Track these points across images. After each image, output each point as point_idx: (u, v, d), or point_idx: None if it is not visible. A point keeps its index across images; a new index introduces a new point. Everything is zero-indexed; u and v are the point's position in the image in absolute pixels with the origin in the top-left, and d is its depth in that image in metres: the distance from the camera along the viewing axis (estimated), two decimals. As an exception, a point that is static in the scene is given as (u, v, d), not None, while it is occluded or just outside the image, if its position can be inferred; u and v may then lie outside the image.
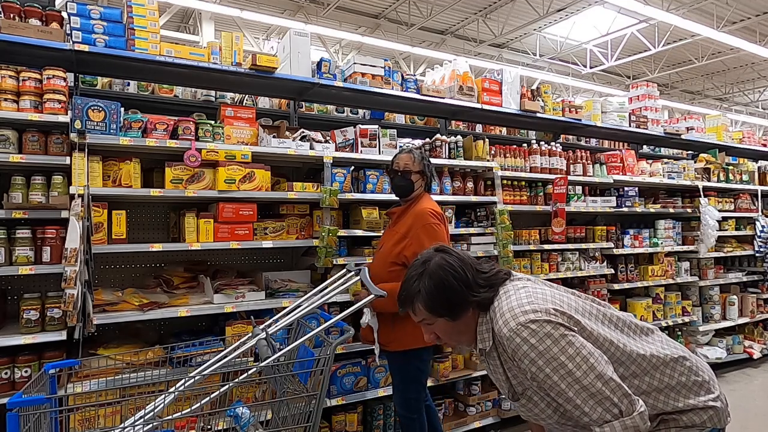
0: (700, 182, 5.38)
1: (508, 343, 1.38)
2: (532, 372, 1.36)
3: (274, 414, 2.12)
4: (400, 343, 2.63)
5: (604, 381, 1.32)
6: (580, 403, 1.32)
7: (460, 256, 1.51)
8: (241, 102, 4.61)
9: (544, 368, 1.34)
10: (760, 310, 5.93)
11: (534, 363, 1.35)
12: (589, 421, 1.33)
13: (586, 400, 1.32)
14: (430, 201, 2.79)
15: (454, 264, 1.48)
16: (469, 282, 1.47)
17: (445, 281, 1.45)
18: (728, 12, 10.99)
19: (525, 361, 1.36)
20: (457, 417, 3.76)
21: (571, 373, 1.32)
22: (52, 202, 2.61)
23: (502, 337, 1.39)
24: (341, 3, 11.06)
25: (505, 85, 4.27)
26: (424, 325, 1.56)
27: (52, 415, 1.62)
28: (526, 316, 1.36)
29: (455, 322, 1.49)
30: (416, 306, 1.49)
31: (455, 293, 1.46)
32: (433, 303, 1.47)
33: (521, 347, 1.35)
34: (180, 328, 3.21)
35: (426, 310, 1.48)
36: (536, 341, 1.34)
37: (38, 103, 2.62)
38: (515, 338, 1.36)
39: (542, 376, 1.35)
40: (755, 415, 4.32)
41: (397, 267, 2.63)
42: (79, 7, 2.83)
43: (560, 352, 1.33)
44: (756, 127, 19.95)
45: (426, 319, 1.51)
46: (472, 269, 1.50)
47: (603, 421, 1.31)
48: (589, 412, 1.32)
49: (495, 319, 1.44)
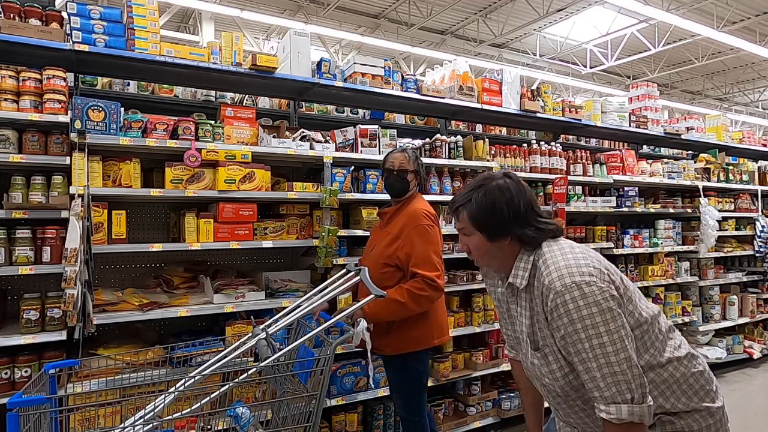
0: (700, 182, 5.38)
1: (555, 296, 1.37)
2: (567, 332, 1.35)
3: (274, 414, 2.12)
4: (397, 347, 2.62)
5: (629, 365, 1.32)
6: (598, 376, 1.32)
7: (522, 188, 1.51)
8: (241, 102, 4.61)
9: (581, 332, 1.33)
10: (760, 310, 5.93)
11: (572, 324, 1.34)
12: (599, 396, 1.33)
13: (605, 376, 1.32)
14: (423, 201, 2.77)
15: (512, 191, 1.48)
16: (519, 214, 1.47)
17: (496, 202, 1.47)
18: (728, 12, 10.99)
19: (564, 319, 1.35)
20: (457, 417, 3.76)
21: (604, 347, 1.32)
22: (52, 202, 2.61)
23: (550, 289, 1.38)
24: (341, 3, 11.06)
25: (505, 85, 4.27)
26: (461, 235, 1.58)
27: (52, 415, 1.62)
28: (582, 277, 1.36)
29: (490, 243, 1.50)
30: (461, 213, 1.53)
31: (501, 217, 1.46)
32: (477, 216, 1.49)
33: (567, 305, 1.35)
34: (180, 328, 3.21)
35: (468, 220, 1.51)
36: (584, 304, 1.33)
37: (38, 103, 2.62)
38: (565, 294, 1.35)
39: (575, 338, 1.34)
40: (755, 415, 4.32)
41: (389, 268, 2.61)
42: (79, 7, 2.83)
43: (602, 323, 1.33)
44: (756, 127, 19.95)
45: (465, 229, 1.54)
46: (529, 205, 1.49)
47: (612, 401, 1.31)
48: (603, 388, 1.32)
49: (545, 267, 1.43)
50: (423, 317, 2.63)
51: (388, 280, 2.58)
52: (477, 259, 1.58)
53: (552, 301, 1.38)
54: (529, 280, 1.48)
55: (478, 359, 3.80)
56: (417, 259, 2.54)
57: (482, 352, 3.85)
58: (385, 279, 2.57)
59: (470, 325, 3.79)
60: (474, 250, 1.55)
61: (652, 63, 15.07)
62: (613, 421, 1.31)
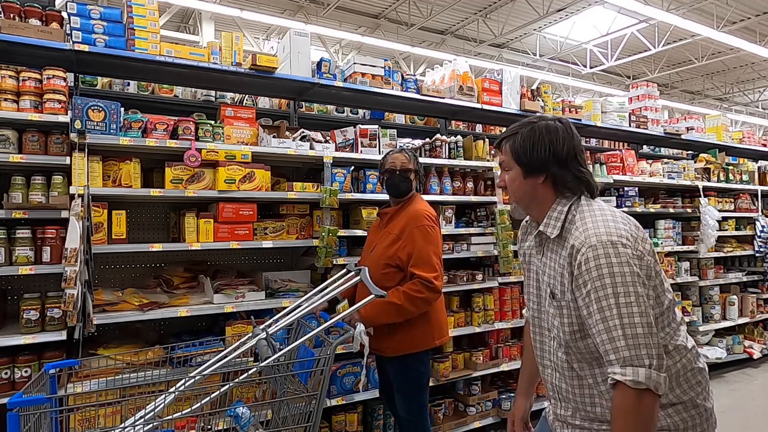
0: (700, 182, 5.38)
1: (587, 250, 1.35)
2: (594, 287, 1.33)
3: (274, 414, 2.12)
4: (398, 348, 2.62)
5: (651, 332, 1.30)
6: (620, 335, 1.29)
7: (570, 134, 1.51)
8: (241, 102, 4.61)
9: (608, 288, 1.31)
10: (760, 310, 5.93)
11: (601, 279, 1.32)
12: (615, 358, 1.29)
13: (627, 337, 1.28)
14: (423, 202, 2.76)
15: (559, 132, 1.49)
16: (560, 156, 1.47)
17: (540, 139, 1.48)
18: (728, 12, 10.99)
19: (593, 273, 1.33)
20: (457, 417, 3.76)
21: (630, 306, 1.29)
22: (52, 202, 2.61)
23: (583, 243, 1.37)
24: (341, 3, 11.06)
25: (505, 85, 4.28)
26: (501, 170, 1.60)
27: (52, 415, 1.62)
28: (619, 239, 1.35)
29: (525, 179, 1.52)
30: (504, 145, 1.55)
31: (541, 154, 1.48)
32: (519, 149, 1.51)
33: (599, 260, 1.33)
34: (180, 328, 3.21)
35: (509, 151, 1.53)
36: (617, 262, 1.32)
37: (38, 103, 2.62)
38: (598, 249, 1.34)
39: (601, 294, 1.32)
40: (755, 415, 4.32)
41: (391, 269, 2.60)
42: (79, 7, 2.83)
43: (632, 284, 1.31)
44: (756, 127, 19.95)
45: (505, 162, 1.56)
46: (572, 151, 1.49)
47: (630, 363, 1.27)
48: (622, 348, 1.28)
49: (581, 222, 1.42)
50: (423, 318, 2.62)
51: (390, 281, 2.58)
52: (512, 195, 1.59)
53: (583, 255, 1.36)
54: (560, 231, 1.47)
55: (478, 359, 3.80)
56: (417, 258, 2.54)
57: (482, 352, 3.85)
58: (386, 279, 2.57)
59: (470, 325, 3.79)
60: (510, 186, 1.57)
61: (652, 63, 15.07)
62: (629, 384, 1.26)
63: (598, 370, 1.44)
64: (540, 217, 1.53)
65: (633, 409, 1.27)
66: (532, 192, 1.53)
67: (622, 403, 1.28)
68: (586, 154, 4.60)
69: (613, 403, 1.31)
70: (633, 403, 1.27)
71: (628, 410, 1.27)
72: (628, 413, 1.27)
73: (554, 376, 1.56)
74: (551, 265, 1.50)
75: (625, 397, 1.27)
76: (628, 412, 1.27)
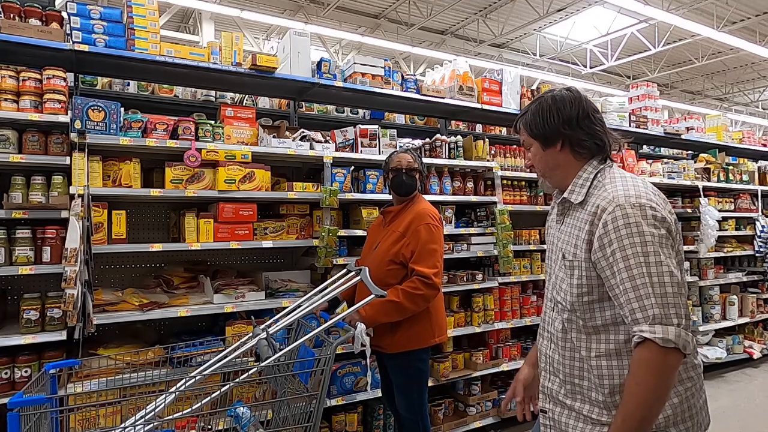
0: (700, 182, 5.38)
1: (616, 209, 1.35)
2: (622, 244, 1.32)
3: (275, 414, 2.12)
4: (399, 345, 2.63)
5: (681, 294, 1.29)
6: (650, 292, 1.27)
7: (579, 98, 1.53)
8: (241, 102, 4.61)
9: (638, 246, 1.30)
10: (760, 310, 5.93)
11: (631, 237, 1.31)
12: (642, 317, 1.27)
13: (657, 295, 1.27)
14: (426, 202, 2.80)
15: (565, 99, 1.52)
16: (571, 119, 1.49)
17: (548, 108, 1.52)
18: (728, 12, 10.99)
19: (621, 231, 1.33)
20: (457, 417, 3.76)
21: (661, 265, 1.29)
22: (52, 202, 2.61)
23: (611, 201, 1.37)
24: (341, 3, 11.05)
25: (505, 85, 4.28)
26: (525, 149, 1.63)
27: (53, 415, 1.62)
28: (650, 203, 1.35)
29: (545, 151, 1.55)
30: (519, 125, 1.59)
31: (551, 122, 1.51)
32: (531, 123, 1.55)
33: (628, 218, 1.33)
34: (180, 328, 3.21)
35: (524, 129, 1.58)
36: (645, 222, 1.32)
37: (38, 103, 2.62)
38: (627, 208, 1.34)
39: (629, 252, 1.30)
40: (755, 415, 4.32)
41: (395, 266, 2.62)
42: (79, 7, 2.83)
43: (659, 245, 1.31)
44: (756, 127, 19.94)
45: (525, 142, 1.60)
46: (584, 113, 1.50)
47: (659, 322, 1.25)
48: (651, 306, 1.26)
49: (610, 184, 1.43)
50: (424, 316, 2.64)
51: (394, 278, 2.60)
52: (539, 170, 1.61)
53: (610, 213, 1.36)
54: (585, 196, 1.48)
55: (478, 359, 3.80)
56: (419, 254, 2.57)
57: (482, 352, 3.85)
58: (390, 276, 2.59)
59: (470, 325, 3.79)
60: (533, 158, 1.59)
61: (652, 63, 15.06)
62: (658, 342, 1.23)
63: (594, 343, 1.44)
64: (564, 186, 1.56)
65: (658, 366, 1.25)
66: (554, 162, 1.55)
67: (648, 358, 1.26)
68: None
69: (636, 357, 1.28)
70: (659, 360, 1.25)
71: (650, 365, 1.25)
72: (650, 367, 1.25)
73: (549, 347, 1.57)
74: (568, 230, 1.51)
75: (652, 353, 1.25)
76: (651, 367, 1.25)
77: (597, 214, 1.40)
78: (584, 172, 1.51)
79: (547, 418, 1.57)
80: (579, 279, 1.44)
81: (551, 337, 1.57)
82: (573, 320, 1.48)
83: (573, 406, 1.49)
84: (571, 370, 1.49)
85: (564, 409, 1.51)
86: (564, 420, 1.50)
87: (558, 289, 1.53)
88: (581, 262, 1.43)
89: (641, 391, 1.25)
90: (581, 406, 1.47)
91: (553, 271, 1.58)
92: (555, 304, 1.54)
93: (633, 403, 1.26)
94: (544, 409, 1.58)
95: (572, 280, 1.46)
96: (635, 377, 1.28)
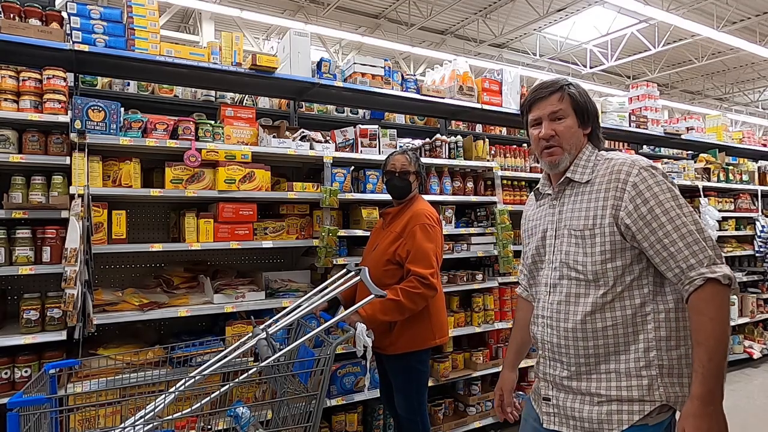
0: (700, 182, 5.38)
1: (641, 171, 1.45)
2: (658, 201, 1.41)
3: (274, 414, 2.12)
4: (399, 346, 2.63)
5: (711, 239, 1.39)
6: (694, 239, 1.37)
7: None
8: (241, 102, 4.61)
9: (671, 201, 1.41)
10: (760, 310, 5.93)
11: (663, 192, 1.42)
12: (697, 260, 1.36)
13: (706, 239, 1.38)
14: (425, 203, 2.80)
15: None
16: (598, 113, 1.66)
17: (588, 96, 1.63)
18: (728, 12, 10.99)
19: (654, 189, 1.42)
20: (457, 417, 3.76)
21: (693, 214, 1.41)
22: (52, 202, 2.61)
23: (632, 164, 1.47)
24: (341, 3, 11.05)
25: (505, 85, 4.28)
26: (549, 120, 1.59)
27: (52, 415, 1.62)
28: (660, 170, 1.47)
29: (579, 127, 1.61)
30: (565, 93, 1.59)
31: (593, 108, 1.63)
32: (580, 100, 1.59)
33: (655, 177, 1.44)
34: (180, 328, 3.21)
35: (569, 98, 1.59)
36: (666, 180, 1.44)
37: (38, 103, 2.62)
38: (649, 169, 1.45)
39: (668, 206, 1.40)
40: (755, 415, 4.32)
41: (392, 266, 2.63)
42: (79, 7, 2.83)
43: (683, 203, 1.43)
44: (756, 127, 19.94)
45: (561, 111, 1.58)
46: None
47: (713, 263, 1.36)
48: (703, 250, 1.36)
49: (618, 157, 1.53)
50: (424, 317, 2.64)
51: (391, 278, 2.60)
52: (564, 143, 1.59)
53: (638, 175, 1.44)
54: (590, 176, 1.55)
55: (478, 359, 3.80)
56: (414, 255, 2.56)
57: (482, 352, 3.85)
58: (387, 276, 2.60)
59: (470, 325, 3.79)
60: (565, 130, 1.59)
61: (652, 63, 15.06)
62: (721, 280, 1.33)
63: (609, 311, 1.47)
64: (563, 169, 1.61)
65: (725, 300, 1.35)
66: (578, 142, 1.61)
67: (715, 294, 1.34)
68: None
69: (702, 297, 1.35)
70: (725, 295, 1.35)
71: (718, 301, 1.34)
72: (720, 303, 1.34)
73: (546, 332, 1.59)
74: (579, 206, 1.55)
75: (719, 291, 1.34)
76: (720, 303, 1.34)
77: (621, 180, 1.47)
78: (584, 153, 1.61)
79: (551, 405, 1.57)
80: (602, 246, 1.48)
81: (559, 320, 1.55)
82: (586, 294, 1.50)
83: (580, 387, 1.49)
84: (583, 346, 1.49)
85: (569, 394, 1.52)
86: (569, 405, 1.51)
87: (573, 263, 1.53)
88: (604, 228, 1.47)
89: (717, 326, 1.33)
90: (588, 386, 1.48)
91: (553, 251, 1.60)
92: (567, 281, 1.54)
93: (714, 339, 1.32)
94: (548, 397, 1.59)
95: (594, 248, 1.49)
96: (708, 315, 1.34)
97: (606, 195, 1.48)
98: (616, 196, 1.46)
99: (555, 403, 1.56)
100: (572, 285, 1.53)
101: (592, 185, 1.53)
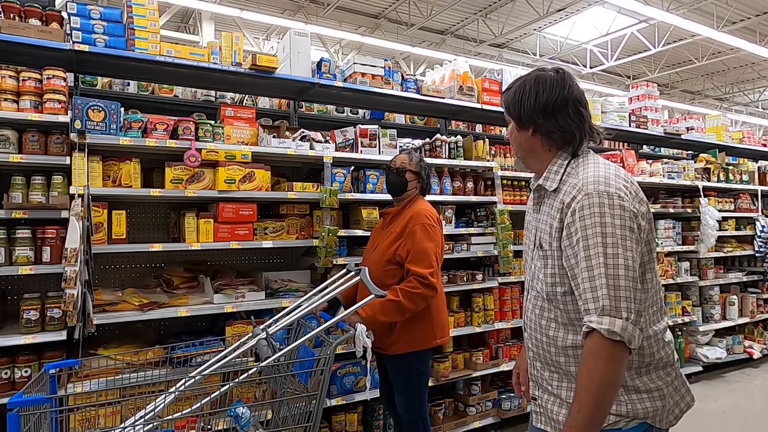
0: (700, 182, 5.38)
1: (584, 197, 1.34)
2: (585, 234, 1.31)
3: (274, 414, 2.12)
4: (400, 346, 2.63)
5: (635, 287, 1.28)
6: (603, 284, 1.27)
7: (562, 84, 1.47)
8: (241, 102, 4.61)
9: (598, 237, 1.29)
10: (760, 310, 5.93)
11: (594, 227, 1.30)
12: (593, 307, 1.28)
13: (609, 287, 1.26)
14: (426, 204, 2.80)
15: (548, 83, 1.47)
16: (546, 106, 1.46)
17: (528, 90, 1.48)
18: (728, 12, 10.99)
19: (587, 221, 1.32)
20: (457, 417, 3.76)
21: (617, 258, 1.27)
22: (52, 202, 2.61)
23: (581, 189, 1.36)
24: (341, 3, 11.06)
25: (505, 85, 4.28)
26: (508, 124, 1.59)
27: (52, 415, 1.62)
28: (618, 192, 1.33)
29: (519, 132, 1.54)
30: (502, 99, 1.58)
31: (526, 105, 1.48)
32: (509, 101, 1.54)
33: (593, 207, 1.32)
34: (180, 328, 3.21)
35: (503, 103, 1.57)
36: (609, 213, 1.31)
37: (38, 103, 2.62)
38: (594, 197, 1.33)
39: (591, 242, 1.30)
40: (755, 415, 4.31)
41: (392, 266, 2.63)
42: (79, 7, 2.83)
43: (622, 237, 1.29)
44: (756, 127, 19.94)
45: (506, 118, 1.58)
46: (563, 102, 1.46)
47: (607, 313, 1.25)
48: (602, 298, 1.27)
49: (583, 171, 1.42)
50: (425, 317, 2.64)
51: (391, 278, 2.60)
52: (515, 151, 1.60)
53: (578, 202, 1.35)
54: (558, 184, 1.46)
55: (478, 359, 3.80)
56: (414, 255, 2.57)
57: (482, 352, 3.85)
58: (387, 276, 2.60)
59: (470, 325, 3.79)
60: (511, 140, 1.57)
61: (652, 63, 15.06)
62: (603, 333, 1.24)
63: (570, 334, 1.43)
64: (540, 171, 1.54)
65: (604, 356, 1.25)
66: (527, 145, 1.54)
67: (595, 347, 1.27)
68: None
69: (588, 345, 1.29)
70: (608, 350, 1.25)
71: (598, 355, 1.26)
72: (597, 357, 1.26)
73: (529, 337, 1.58)
74: (543, 218, 1.50)
75: (598, 344, 1.26)
76: (598, 357, 1.26)
77: (567, 203, 1.39)
78: (559, 159, 1.50)
79: (537, 405, 1.57)
80: (552, 269, 1.43)
81: (530, 325, 1.56)
82: (548, 309, 1.47)
83: (556, 392, 1.49)
84: (550, 357, 1.49)
85: (550, 396, 1.52)
86: (550, 407, 1.51)
87: (536, 279, 1.51)
88: (554, 251, 1.43)
89: (592, 380, 1.26)
90: (562, 393, 1.47)
91: (532, 259, 1.56)
92: (535, 293, 1.53)
93: (586, 392, 1.27)
94: (534, 397, 1.59)
95: (546, 270, 1.45)
96: (586, 365, 1.28)
97: (559, 216, 1.41)
98: (561, 219, 1.40)
99: (540, 403, 1.56)
100: (538, 298, 1.52)
101: (557, 196, 1.46)
